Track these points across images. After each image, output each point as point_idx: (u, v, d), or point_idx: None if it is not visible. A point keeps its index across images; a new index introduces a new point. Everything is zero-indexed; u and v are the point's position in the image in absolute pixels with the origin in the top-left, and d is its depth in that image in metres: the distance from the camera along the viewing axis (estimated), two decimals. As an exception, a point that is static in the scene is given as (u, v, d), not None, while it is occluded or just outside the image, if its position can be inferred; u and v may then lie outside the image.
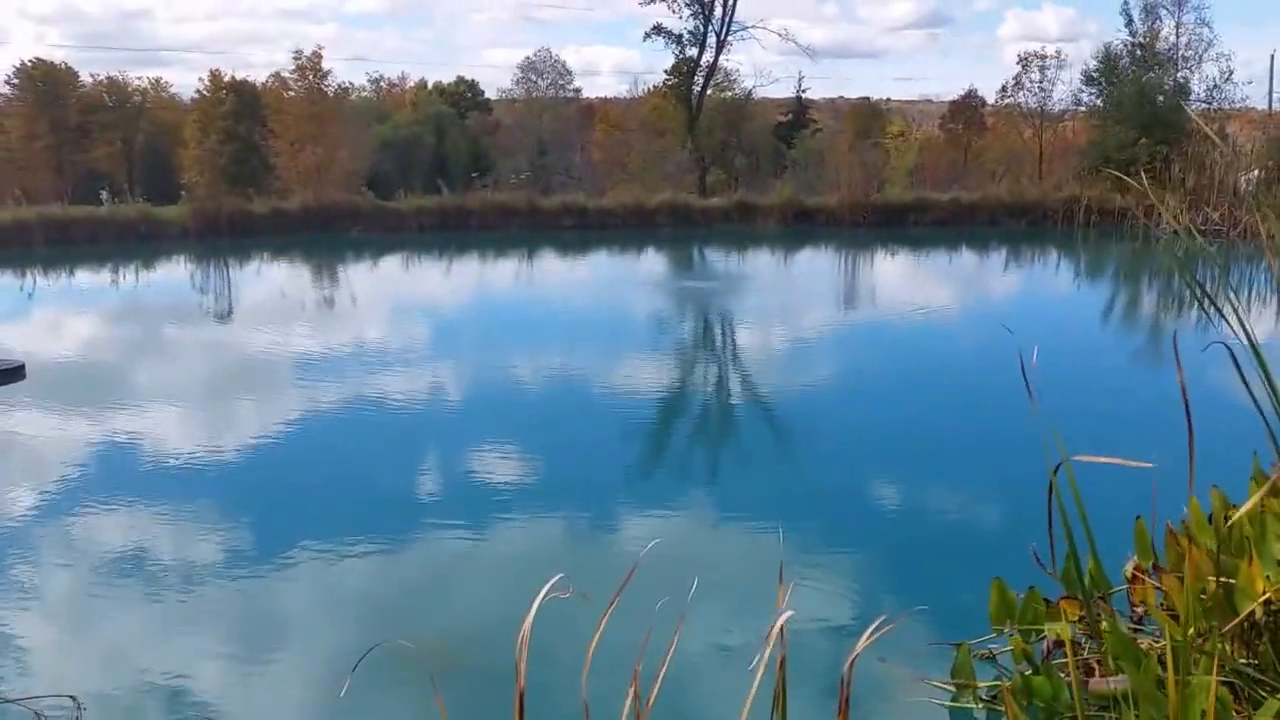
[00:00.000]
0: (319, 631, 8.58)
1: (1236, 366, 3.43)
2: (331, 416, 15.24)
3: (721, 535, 10.70)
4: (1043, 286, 30.84)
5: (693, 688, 7.04)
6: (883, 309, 26.08)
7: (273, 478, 12.73)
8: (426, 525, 10.85)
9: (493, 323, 24.38)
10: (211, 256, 34.46)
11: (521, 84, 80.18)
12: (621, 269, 34.90)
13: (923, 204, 41.61)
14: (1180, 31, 47.65)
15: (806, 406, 16.08)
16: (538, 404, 16.32)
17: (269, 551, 10.18)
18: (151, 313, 25.68)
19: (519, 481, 12.39)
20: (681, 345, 21.87)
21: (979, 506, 11.58)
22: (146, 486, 12.06)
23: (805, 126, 67.36)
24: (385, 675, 7.31)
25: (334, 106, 50.13)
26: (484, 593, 9.24)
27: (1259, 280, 27.81)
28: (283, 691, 7.73)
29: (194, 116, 58.02)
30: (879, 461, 13.15)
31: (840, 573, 9.49)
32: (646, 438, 14.69)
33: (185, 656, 8.08)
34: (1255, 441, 4.10)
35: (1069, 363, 18.09)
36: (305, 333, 22.08)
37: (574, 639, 2.93)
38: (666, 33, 51.56)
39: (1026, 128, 58.77)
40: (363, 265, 34.88)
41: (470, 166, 51.65)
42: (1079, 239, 38.27)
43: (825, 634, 7.96)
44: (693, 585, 4.72)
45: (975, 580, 5.41)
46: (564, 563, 9.87)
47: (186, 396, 16.72)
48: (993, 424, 14.55)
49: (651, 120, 59.76)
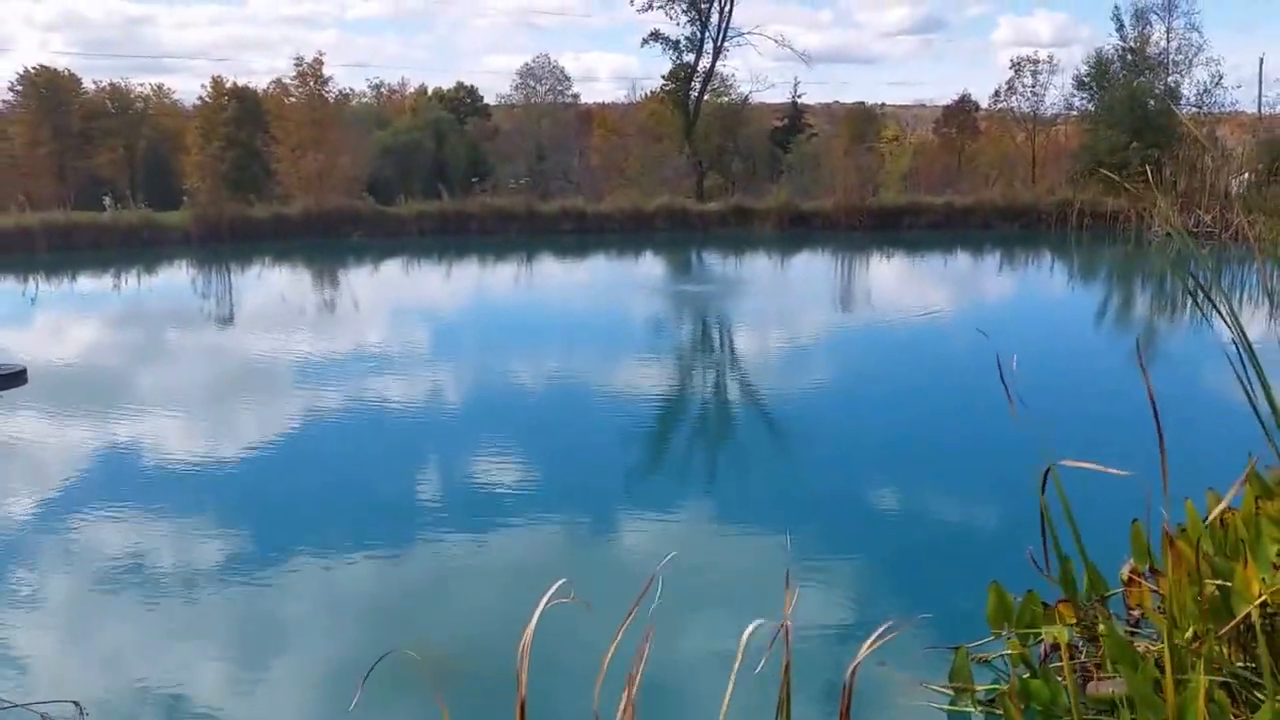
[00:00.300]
0: (320, 638, 8.56)
1: (1234, 368, 3.41)
2: (332, 421, 15.21)
3: (721, 540, 10.69)
4: (1037, 289, 30.87)
5: (692, 693, 7.02)
6: (879, 312, 26.09)
7: (274, 483, 12.69)
8: (427, 531, 10.82)
9: (492, 327, 24.36)
10: (213, 261, 34.46)
11: (520, 90, 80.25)
12: (620, 273, 34.91)
13: (917, 208, 41.74)
14: (1171, 37, 47.72)
15: (804, 410, 16.07)
16: (538, 408, 16.30)
17: (269, 557, 10.16)
18: (153, 318, 25.67)
19: (519, 487, 12.36)
20: (680, 349, 21.86)
21: (977, 510, 11.56)
22: (148, 491, 12.03)
23: (801, 131, 67.38)
24: (387, 681, 7.28)
25: (335, 112, 50.08)
26: (485, 598, 9.21)
27: (1250, 282, 27.82)
28: (284, 698, 7.71)
29: (196, 123, 57.93)
30: (877, 465, 13.14)
31: (839, 577, 9.48)
32: (646, 442, 14.67)
33: (187, 662, 8.06)
34: (1251, 443, 4.08)
35: (1064, 365, 18.07)
36: (306, 337, 22.06)
37: (574, 646, 2.91)
38: (664, 39, 51.71)
39: (1019, 132, 58.72)
40: (363, 270, 34.88)
41: (470, 171, 51.65)
42: (1072, 242, 38.34)
43: (824, 638, 7.95)
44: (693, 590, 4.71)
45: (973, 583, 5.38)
46: (564, 568, 9.84)
47: (188, 401, 16.68)
48: (989, 427, 14.52)
49: (649, 125, 59.75)
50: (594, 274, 34.77)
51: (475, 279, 33.82)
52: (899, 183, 51.33)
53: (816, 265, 36.46)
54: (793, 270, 35.42)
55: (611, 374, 18.46)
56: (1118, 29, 47.19)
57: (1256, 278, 28.07)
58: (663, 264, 36.93)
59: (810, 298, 28.22)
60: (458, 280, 33.51)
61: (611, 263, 36.78)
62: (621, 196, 44.15)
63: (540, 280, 33.26)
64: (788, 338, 22.15)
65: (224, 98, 57.71)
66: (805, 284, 32.01)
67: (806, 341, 21.73)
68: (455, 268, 35.85)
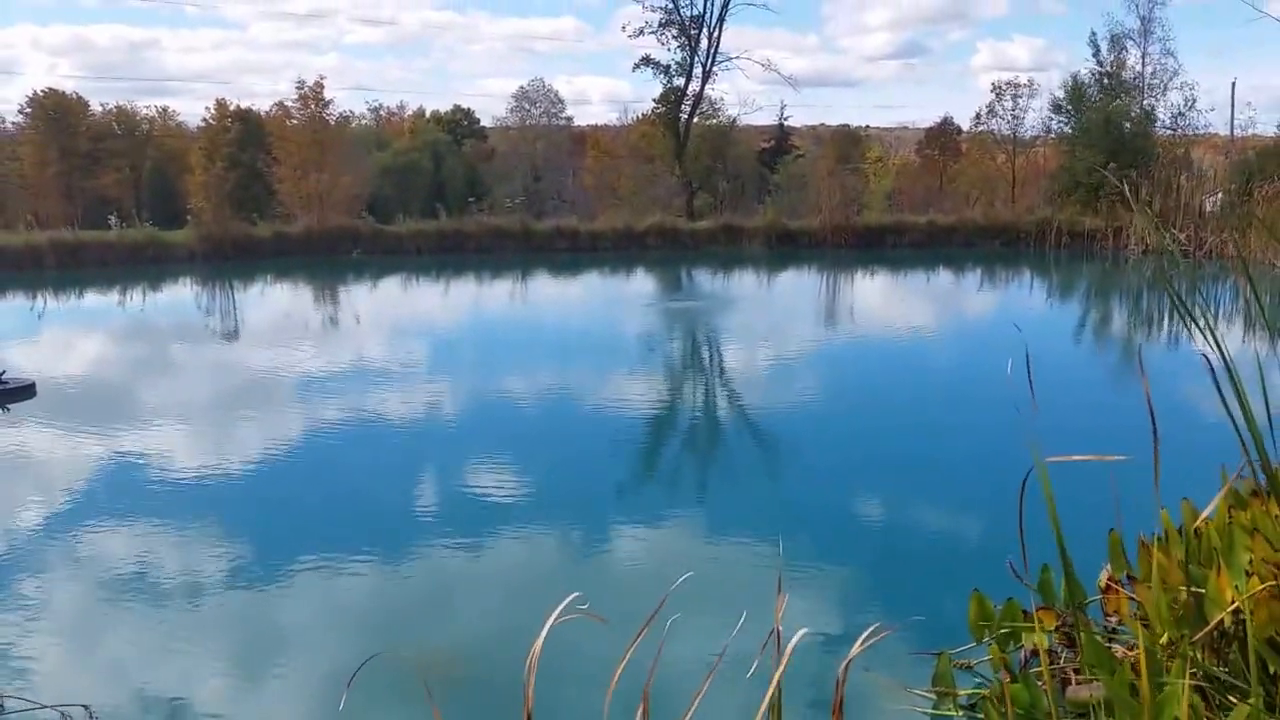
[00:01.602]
0: (320, 646, 8.54)
1: (1214, 380, 3.41)
2: (333, 434, 15.20)
3: (711, 549, 10.66)
4: (1017, 305, 30.87)
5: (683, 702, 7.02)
6: (863, 327, 26.12)
7: (276, 494, 12.67)
8: (425, 542, 10.80)
9: (489, 342, 24.36)
10: (217, 279, 34.47)
11: (516, 112, 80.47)
12: (612, 289, 34.91)
13: (901, 226, 41.90)
14: (1146, 61, 47.87)
15: (792, 423, 16.06)
16: (533, 421, 16.28)
17: (272, 567, 10.14)
18: (158, 333, 25.66)
19: (513, 496, 12.35)
20: (671, 363, 21.87)
21: (960, 520, 11.55)
22: (153, 502, 12.02)
23: (787, 152, 67.63)
24: (383, 690, 7.28)
25: (335, 134, 50.05)
26: (483, 609, 9.21)
27: (1224, 298, 27.89)
28: (285, 704, 7.70)
29: (200, 144, 58.00)
30: (862, 476, 13.13)
31: (825, 585, 9.48)
32: (638, 454, 14.67)
33: (191, 668, 8.05)
34: (1226, 454, 4.09)
35: (1044, 379, 18.06)
36: (307, 353, 22.04)
37: (569, 656, 2.90)
38: (655, 63, 51.59)
39: (999, 153, 58.81)
40: (363, 287, 34.87)
41: (467, 192, 51.85)
42: (1051, 260, 38.41)
43: (811, 644, 7.93)
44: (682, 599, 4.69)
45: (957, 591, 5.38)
46: (560, 579, 9.87)
47: (192, 415, 16.67)
48: (971, 439, 14.54)
49: (640, 147, 59.74)
50: (587, 291, 34.78)
51: (472, 296, 33.83)
52: (883, 202, 51.51)
53: (803, 282, 36.51)
54: (780, 287, 35.47)
55: (605, 388, 18.46)
56: (1094, 54, 47.27)
57: (1231, 294, 28.16)
58: (654, 281, 36.93)
59: (798, 313, 28.26)
60: (455, 297, 33.53)
61: (604, 280, 36.78)
62: (614, 215, 44.29)
63: (535, 297, 33.29)
64: (776, 352, 22.14)
65: (227, 120, 57.81)
66: (793, 300, 32.07)
67: (794, 356, 21.73)
68: (453, 285, 35.86)
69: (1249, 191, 36.20)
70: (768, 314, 28.66)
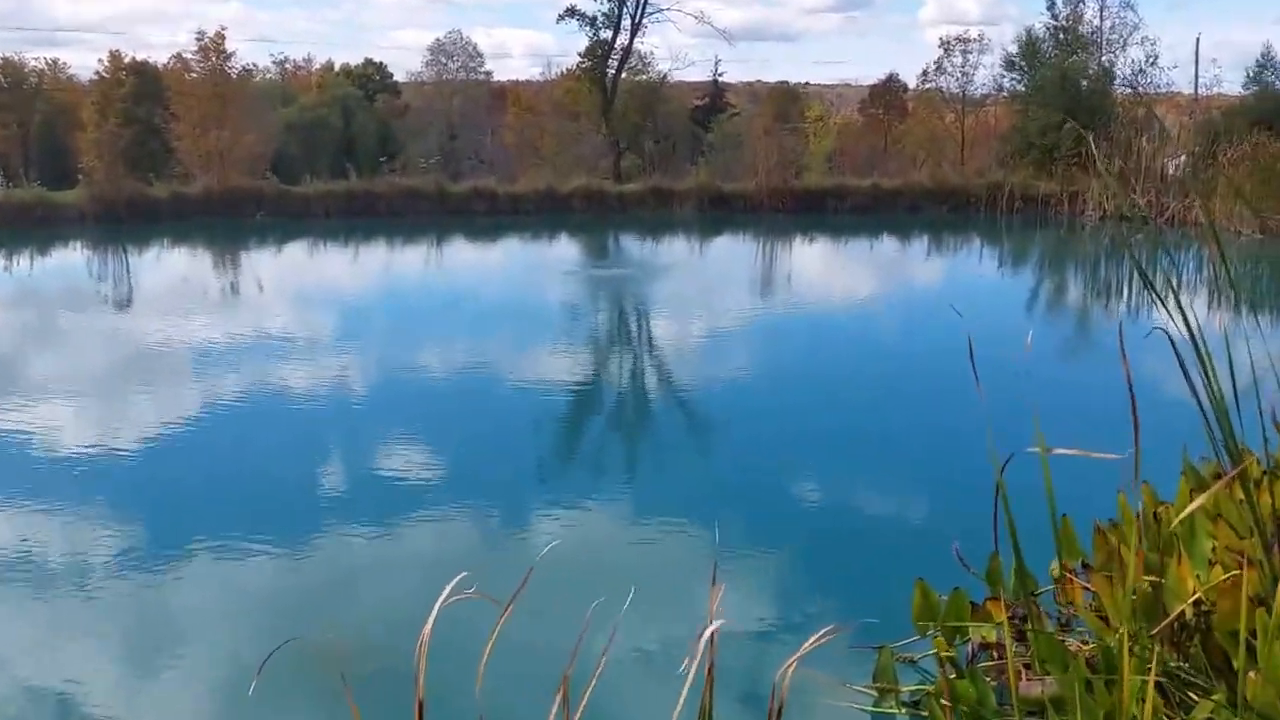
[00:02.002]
0: (218, 633, 8.43)
1: (1176, 355, 3.38)
2: (232, 408, 15.04)
3: (637, 533, 10.62)
4: (967, 274, 31.02)
5: (610, 694, 6.96)
6: (802, 297, 26.18)
7: (171, 474, 12.49)
8: (329, 522, 10.69)
9: (400, 311, 24.19)
10: (110, 242, 33.99)
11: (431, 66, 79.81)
12: (534, 255, 34.77)
13: (842, 190, 41.78)
14: (1104, 15, 47.99)
15: (724, 399, 16.04)
16: (446, 396, 16.18)
17: (165, 550, 10.00)
18: (45, 300, 25.31)
19: (426, 477, 12.28)
20: (595, 335, 21.81)
21: (903, 504, 11.58)
22: (37, 482, 11.83)
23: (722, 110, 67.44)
24: (285, 678, 7.19)
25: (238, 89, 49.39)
26: (388, 592, 9.13)
27: (1188, 267, 28.09)
28: (185, 694, 7.60)
29: (92, 98, 57.14)
30: (799, 456, 13.11)
31: (757, 572, 9.45)
32: (559, 431, 14.62)
33: (78, 660, 7.92)
34: (1187, 434, 4.07)
35: (995, 353, 18.14)
36: (206, 321, 21.79)
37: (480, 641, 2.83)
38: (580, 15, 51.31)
39: (948, 112, 58.94)
40: (266, 252, 34.56)
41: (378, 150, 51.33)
42: (1002, 226, 38.59)
43: (743, 636, 7.89)
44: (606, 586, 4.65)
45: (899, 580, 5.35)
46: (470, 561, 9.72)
47: (81, 387, 16.44)
48: (915, 417, 14.57)
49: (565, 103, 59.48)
50: (507, 257, 34.61)
51: (383, 261, 33.59)
52: (823, 164, 51.47)
53: (738, 249, 36.50)
54: (713, 253, 35.45)
55: (524, 361, 18.37)
56: (1049, 6, 47.37)
57: (1194, 263, 28.38)
58: (578, 247, 36.82)
59: (731, 282, 28.20)
60: (365, 263, 33.24)
61: (525, 245, 36.60)
62: (536, 176, 43.97)
63: (451, 263, 33.11)
64: (708, 324, 22.09)
65: (121, 73, 57.00)
66: (726, 267, 32.03)
67: (727, 327, 21.69)
68: (362, 250, 35.53)
69: (1214, 154, 36.43)
70: (700, 282, 28.60)
